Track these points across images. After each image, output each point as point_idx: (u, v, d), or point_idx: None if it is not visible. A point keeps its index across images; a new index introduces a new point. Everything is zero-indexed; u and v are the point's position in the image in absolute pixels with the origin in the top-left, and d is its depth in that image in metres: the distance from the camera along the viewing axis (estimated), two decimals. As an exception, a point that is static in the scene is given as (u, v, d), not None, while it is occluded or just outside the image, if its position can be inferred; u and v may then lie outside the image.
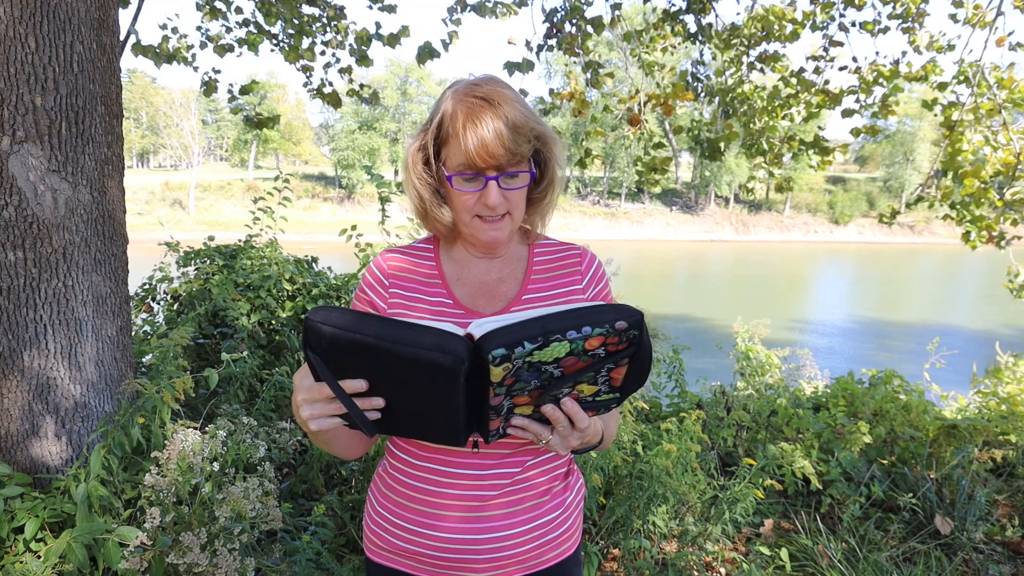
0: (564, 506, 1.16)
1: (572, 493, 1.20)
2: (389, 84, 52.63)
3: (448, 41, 4.38)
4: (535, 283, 1.15)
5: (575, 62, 4.53)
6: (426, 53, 4.33)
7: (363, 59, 4.81)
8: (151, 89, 52.36)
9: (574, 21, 4.37)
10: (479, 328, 0.84)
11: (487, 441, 0.95)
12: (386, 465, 1.19)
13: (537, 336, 0.81)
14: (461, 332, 0.84)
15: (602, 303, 0.89)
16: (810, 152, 4.68)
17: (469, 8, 4.36)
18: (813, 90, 4.63)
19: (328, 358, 0.86)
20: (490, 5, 4.35)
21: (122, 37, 2.51)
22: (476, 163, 1.00)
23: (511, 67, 4.41)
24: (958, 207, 4.23)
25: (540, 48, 4.43)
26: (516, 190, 1.06)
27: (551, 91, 4.39)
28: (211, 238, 4.12)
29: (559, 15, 4.40)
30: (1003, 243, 4.10)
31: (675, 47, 4.70)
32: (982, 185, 4.07)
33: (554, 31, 4.39)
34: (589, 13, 4.43)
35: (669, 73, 4.64)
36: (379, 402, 0.89)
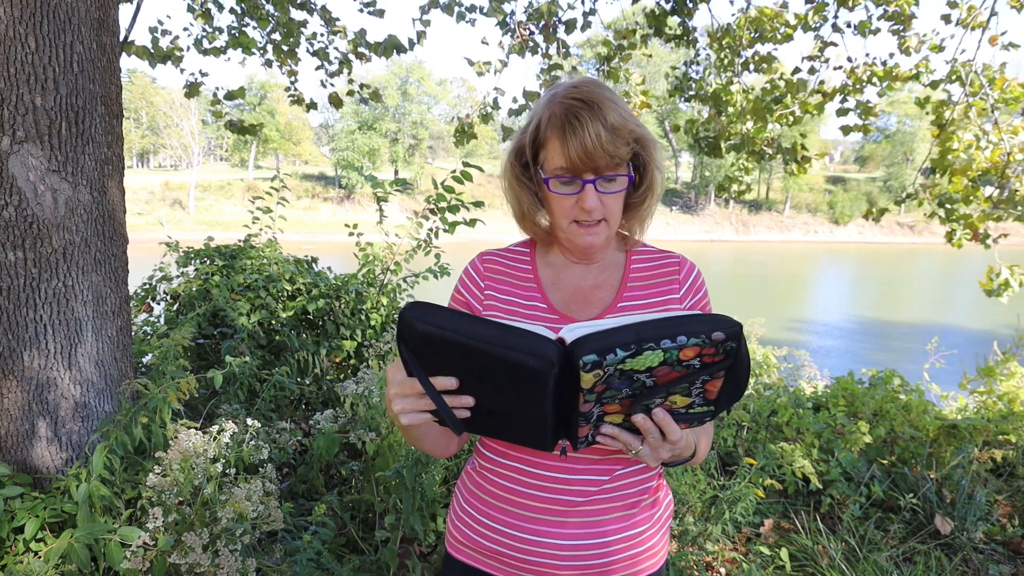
0: (652, 520, 1.14)
1: (660, 508, 1.17)
2: (389, 84, 52.62)
3: (416, 40, 4.42)
4: (631, 291, 1.13)
5: (545, 65, 4.56)
6: (391, 47, 4.38)
7: (360, 56, 4.83)
8: (151, 89, 52.35)
9: (541, 24, 4.40)
10: (571, 333, 0.82)
11: (575, 448, 0.93)
12: (475, 463, 1.19)
13: (630, 344, 0.79)
14: (553, 336, 0.83)
15: (699, 312, 0.87)
16: (788, 159, 4.70)
17: (440, 7, 4.40)
18: (806, 92, 4.64)
19: (420, 354, 0.86)
20: (458, 8, 4.39)
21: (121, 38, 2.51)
22: (575, 165, 0.99)
23: (477, 66, 4.45)
24: (947, 206, 4.24)
25: (511, 49, 4.47)
26: (614, 194, 1.04)
27: (524, 91, 4.43)
28: (210, 239, 4.12)
29: (514, 19, 4.43)
30: (988, 241, 4.10)
31: (650, 56, 4.70)
32: (970, 184, 4.08)
33: (528, 31, 4.42)
34: (566, 16, 4.47)
35: (639, 82, 4.65)
36: (468, 401, 0.88)
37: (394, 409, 0.90)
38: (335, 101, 4.92)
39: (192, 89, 4.74)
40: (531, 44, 4.46)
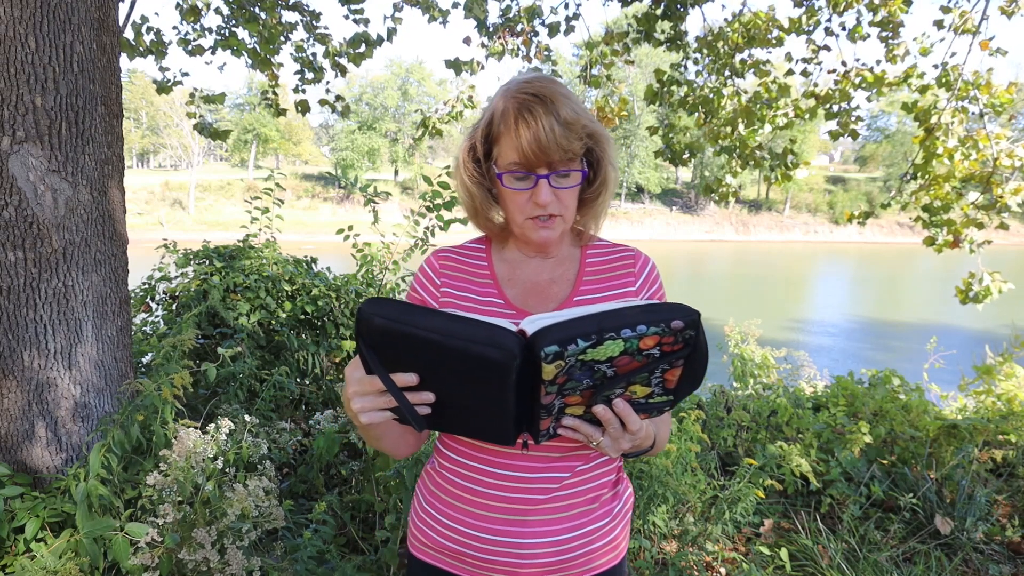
0: (612, 515, 1.14)
1: (620, 502, 1.17)
2: (389, 84, 52.61)
3: (385, 37, 4.46)
4: (587, 284, 1.13)
5: (532, 68, 4.58)
6: (358, 42, 4.44)
7: (338, 67, 4.88)
8: (151, 89, 52.31)
9: (520, 27, 4.42)
10: (532, 324, 0.81)
11: (536, 441, 0.92)
12: (435, 463, 1.18)
13: (591, 334, 0.78)
14: (514, 328, 0.82)
15: (658, 301, 0.87)
16: (776, 165, 4.69)
17: (416, 4, 4.44)
18: (790, 97, 4.65)
19: (379, 350, 0.84)
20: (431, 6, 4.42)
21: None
22: (528, 159, 0.99)
23: (455, 66, 4.47)
24: (929, 211, 4.26)
25: (490, 51, 4.49)
26: (567, 189, 1.03)
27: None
28: (207, 242, 4.12)
29: (491, 24, 4.45)
30: (973, 246, 4.11)
31: (632, 63, 4.70)
32: (952, 190, 4.10)
33: (509, 33, 4.44)
34: (549, 20, 4.49)
35: (618, 88, 4.65)
36: (429, 396, 0.87)
37: (353, 408, 0.88)
38: (303, 107, 4.97)
39: (163, 87, 4.73)
40: (512, 48, 4.49)
